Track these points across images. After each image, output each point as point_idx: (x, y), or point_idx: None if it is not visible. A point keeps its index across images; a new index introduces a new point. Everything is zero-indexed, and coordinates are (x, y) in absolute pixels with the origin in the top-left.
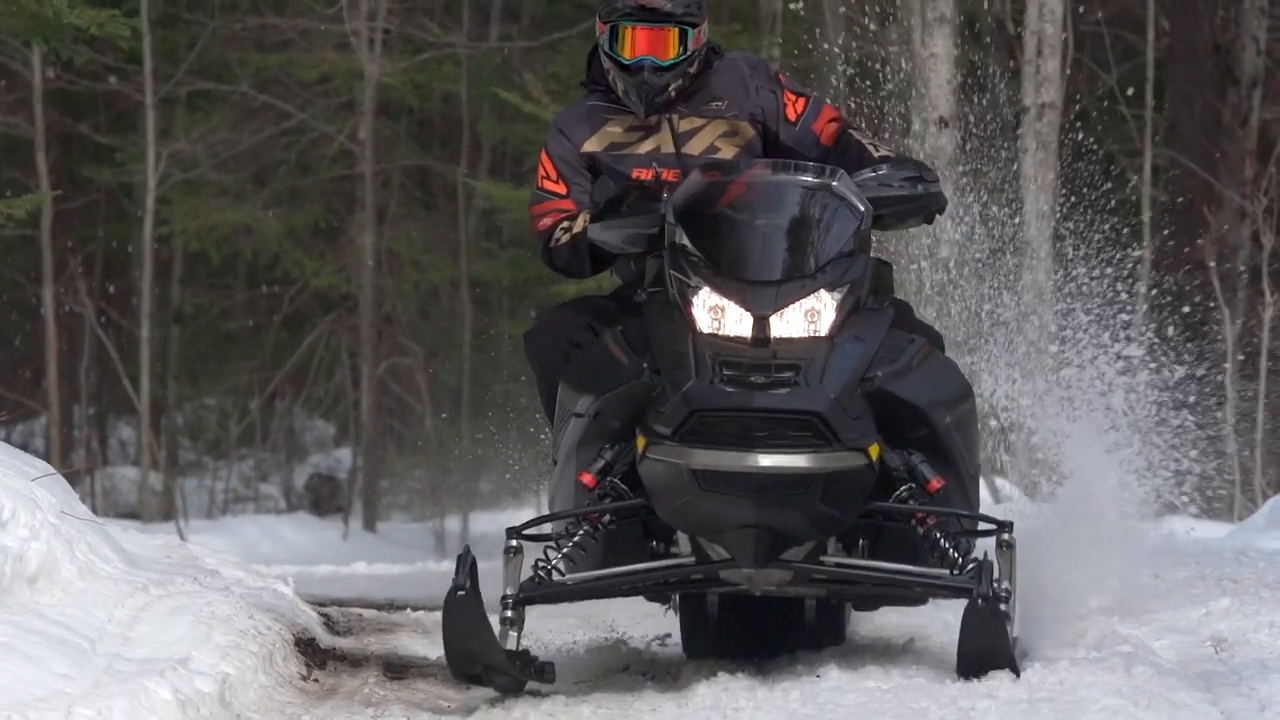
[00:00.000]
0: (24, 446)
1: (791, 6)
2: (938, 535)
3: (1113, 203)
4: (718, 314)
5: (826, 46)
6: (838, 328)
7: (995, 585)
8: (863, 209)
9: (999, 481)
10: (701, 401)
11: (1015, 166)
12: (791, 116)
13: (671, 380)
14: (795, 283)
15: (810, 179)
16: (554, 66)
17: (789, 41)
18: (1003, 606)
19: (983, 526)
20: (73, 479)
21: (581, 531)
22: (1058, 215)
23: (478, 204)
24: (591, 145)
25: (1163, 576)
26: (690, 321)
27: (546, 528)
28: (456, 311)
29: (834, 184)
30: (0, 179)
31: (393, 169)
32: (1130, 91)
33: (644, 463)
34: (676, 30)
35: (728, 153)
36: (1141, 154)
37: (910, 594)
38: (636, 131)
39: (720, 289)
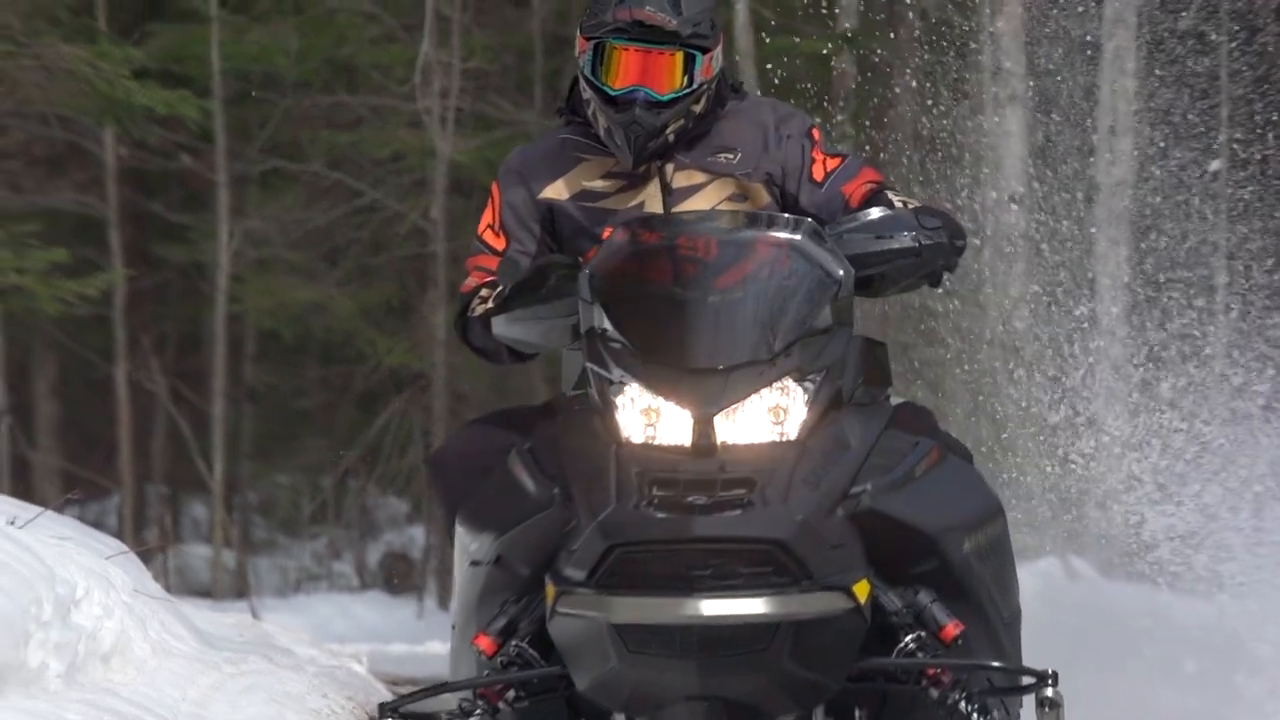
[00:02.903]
0: (97, 524)
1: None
2: (958, 697)
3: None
4: (649, 417)
5: (896, 110)
6: (810, 428)
7: None
8: (840, 272)
9: (1074, 560)
10: (622, 533)
11: (1087, 244)
12: (818, 176)
13: (587, 508)
14: (750, 370)
15: (769, 233)
16: None
17: (861, 116)
18: None
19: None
20: (146, 557)
21: (479, 710)
22: (1131, 292)
23: None
24: (554, 191)
25: None
26: (613, 429)
27: (449, 699)
28: (528, 388)
29: (799, 238)
30: (73, 258)
31: (465, 247)
32: (1210, 169)
33: (554, 620)
34: (681, 55)
35: None
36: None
37: None
38: (617, 180)
39: (651, 384)
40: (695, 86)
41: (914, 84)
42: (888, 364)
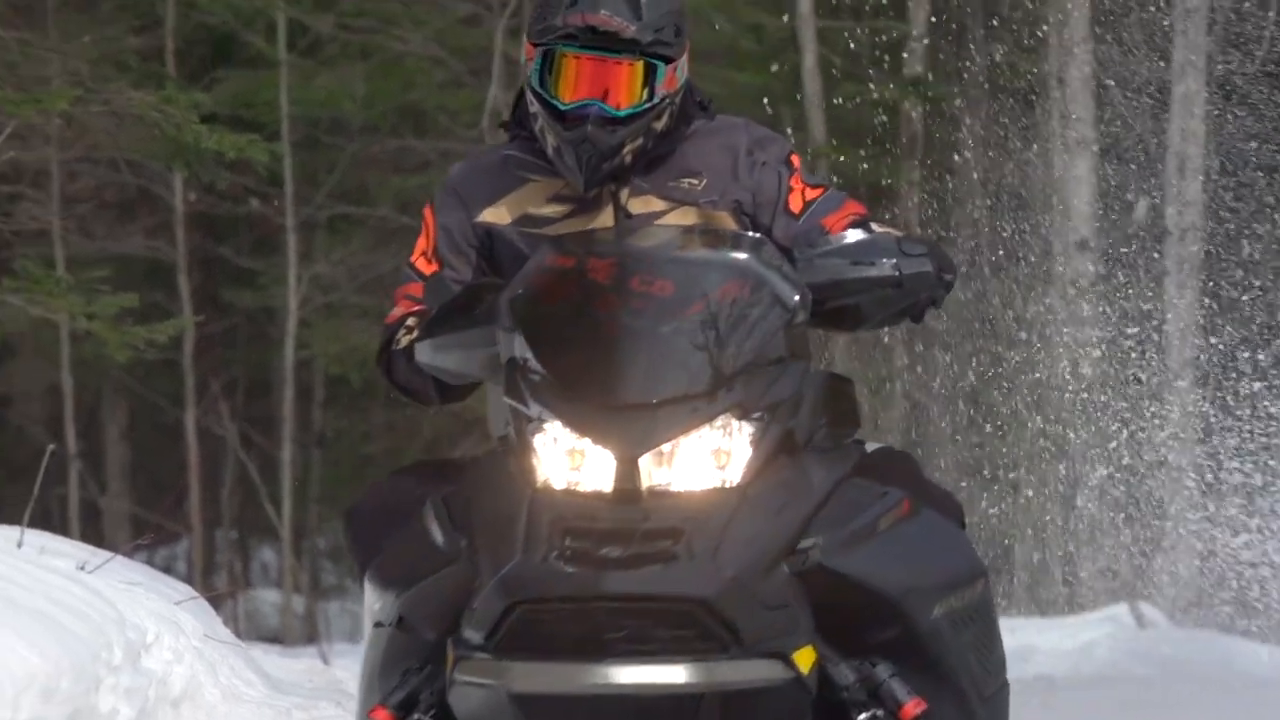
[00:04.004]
0: (167, 570)
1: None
2: None
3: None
4: (573, 459)
5: (963, 157)
6: (755, 472)
7: None
8: (795, 297)
9: (1144, 606)
10: (524, 589)
11: (1157, 290)
12: (795, 207)
13: (491, 560)
14: (684, 406)
15: (716, 253)
16: None
17: (933, 165)
18: None
19: None
20: (215, 602)
21: None
22: (1200, 338)
23: None
24: (494, 214)
25: None
26: (529, 472)
27: None
28: None
29: (748, 258)
30: (143, 303)
31: None
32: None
33: (453, 689)
34: (640, 65)
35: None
36: None
37: None
38: (566, 204)
39: (572, 421)
40: (656, 101)
41: (982, 130)
42: (856, 403)
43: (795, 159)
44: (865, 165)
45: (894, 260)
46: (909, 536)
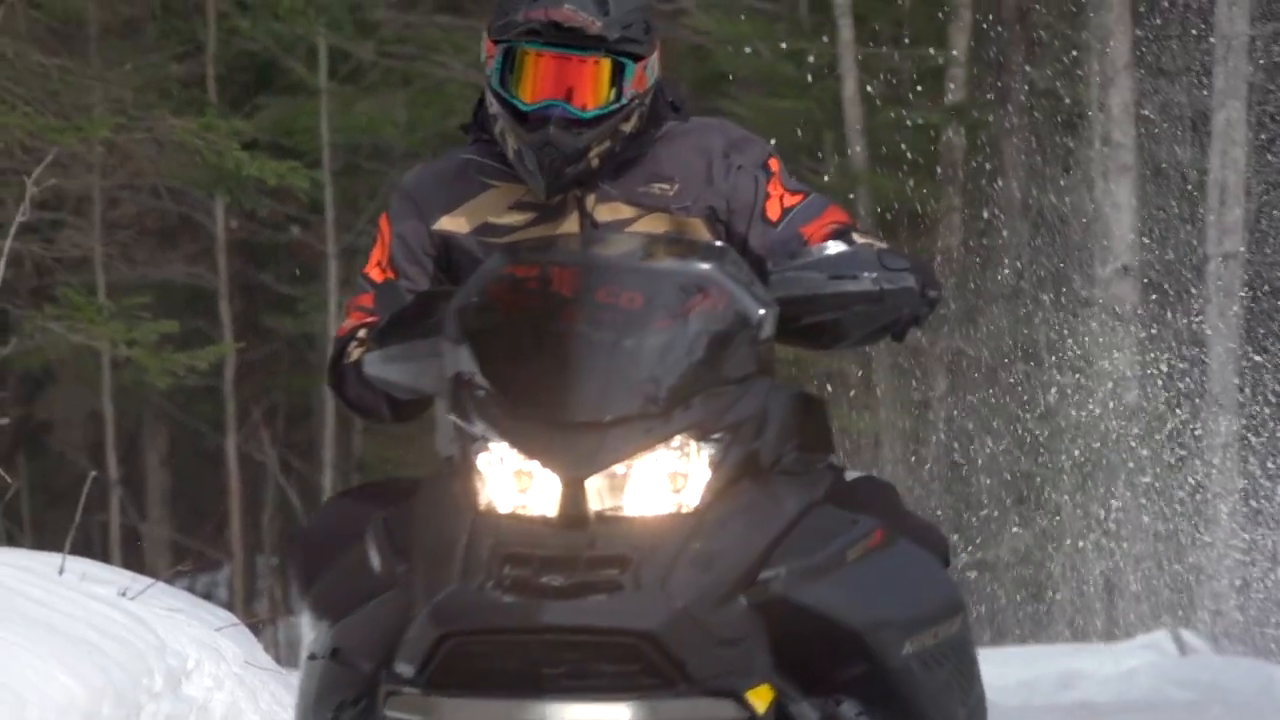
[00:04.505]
0: (207, 596)
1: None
2: None
3: None
4: (520, 481)
5: (1002, 183)
6: (713, 497)
7: None
8: (760, 311)
9: (1185, 634)
10: (457, 619)
11: (1199, 315)
12: (773, 214)
13: (426, 588)
14: (637, 426)
15: (677, 262)
16: None
17: (973, 191)
18: None
19: None
20: (256, 628)
21: None
22: (1242, 364)
23: None
24: (452, 222)
25: None
26: (472, 495)
27: None
28: None
29: (711, 268)
30: (184, 329)
31: None
32: None
33: None
34: (607, 63)
35: None
36: None
37: None
38: (528, 212)
39: (517, 440)
40: (624, 101)
41: (1022, 156)
42: (828, 424)
43: (774, 163)
44: (906, 191)
45: (875, 274)
46: (880, 568)
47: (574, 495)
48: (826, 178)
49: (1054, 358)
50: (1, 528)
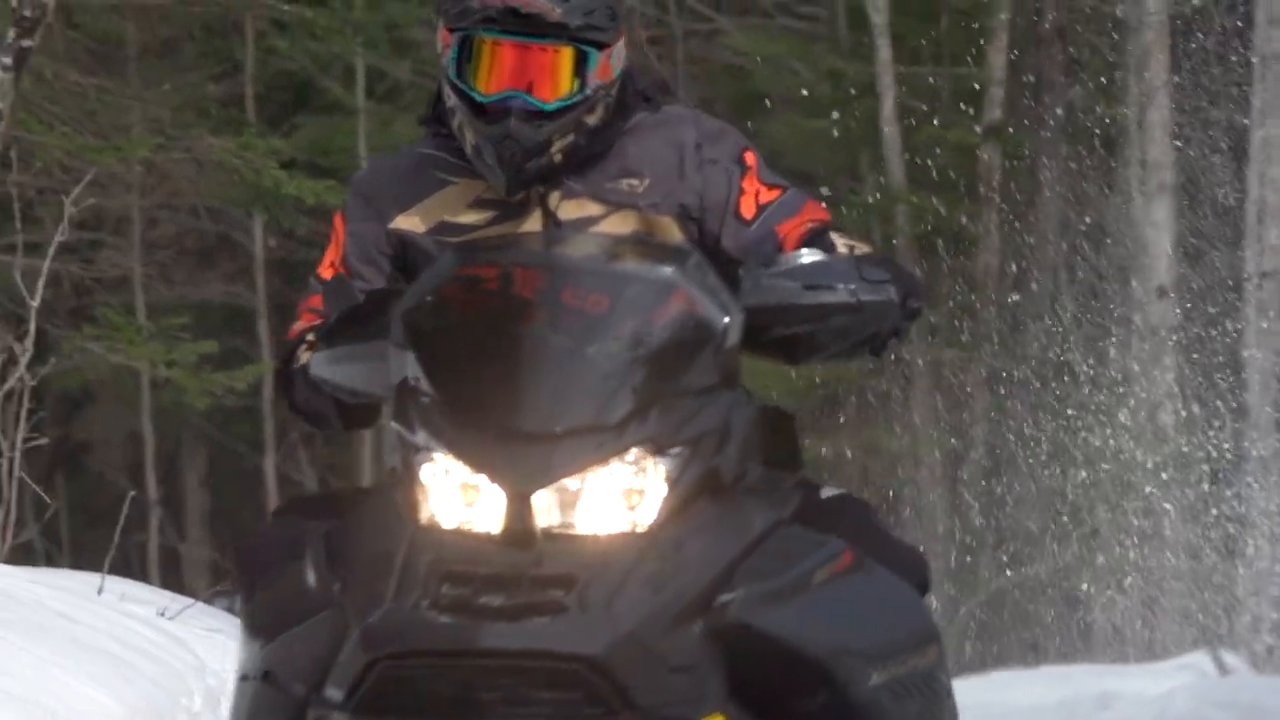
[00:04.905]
0: None
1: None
2: None
3: None
4: (467, 495)
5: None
6: (670, 515)
7: None
8: (725, 319)
9: (1225, 654)
10: (389, 641)
11: (1237, 336)
12: (748, 211)
13: (360, 608)
14: (589, 438)
15: (639, 264)
16: None
17: (1011, 210)
18: None
19: None
20: None
21: None
22: None
23: None
24: (409, 221)
25: None
26: (412, 508)
27: None
28: None
29: (672, 272)
30: (222, 349)
31: None
32: None
33: None
34: (570, 52)
35: None
36: None
37: None
38: (488, 210)
39: (461, 451)
40: (588, 92)
41: (1060, 175)
42: (798, 440)
43: (750, 156)
44: (943, 211)
45: (852, 285)
46: (848, 593)
47: (519, 510)
48: (869, 198)
49: (1092, 376)
50: (40, 548)
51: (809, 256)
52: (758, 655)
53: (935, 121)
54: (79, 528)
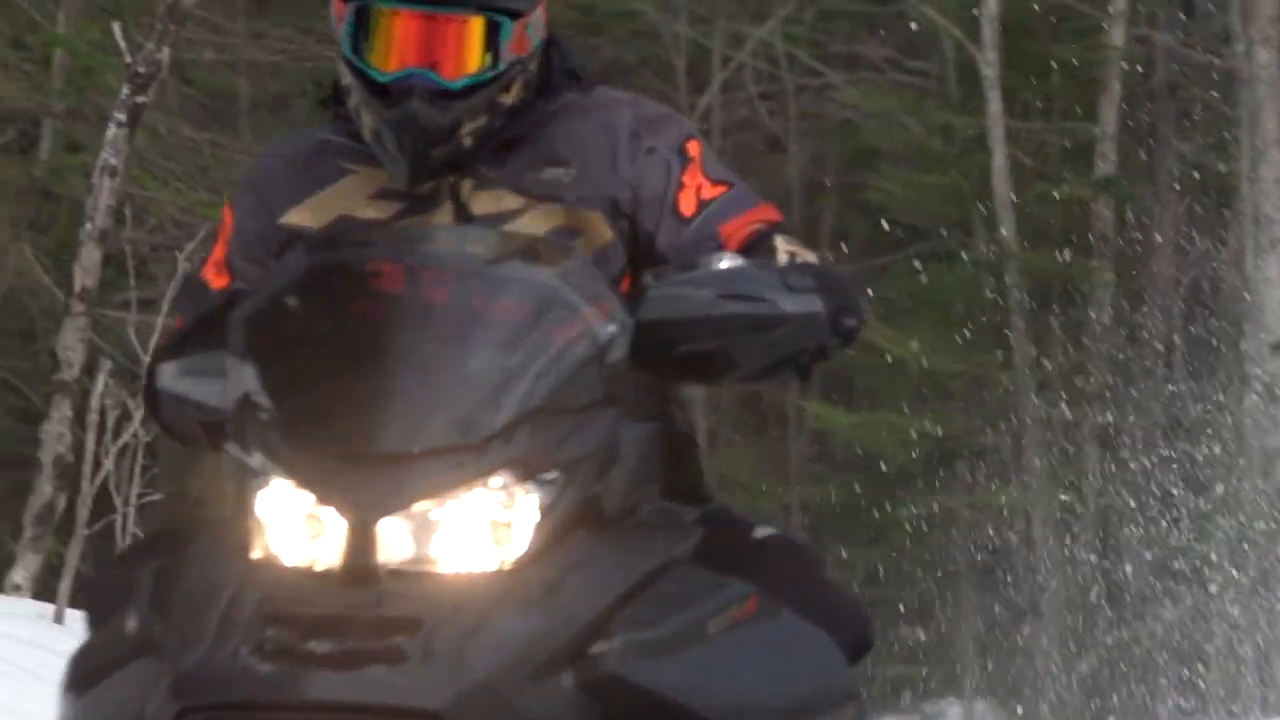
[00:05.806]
0: None
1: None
2: None
3: None
4: (311, 526)
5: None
6: (540, 551)
7: None
8: (610, 328)
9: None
10: (201, 691)
11: None
12: (686, 209)
13: (176, 653)
14: (447, 459)
15: (516, 264)
16: (880, 289)
17: (1124, 265)
18: None
19: None
20: None
21: None
22: None
23: (809, 425)
24: (301, 215)
25: None
26: (244, 542)
27: None
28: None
29: (552, 274)
30: None
31: (720, 393)
32: None
33: None
34: (480, 22)
35: None
36: None
37: None
38: (392, 201)
39: (300, 475)
40: (501, 68)
41: (1173, 230)
42: (700, 469)
43: (694, 146)
44: (1056, 265)
45: (775, 296)
46: (749, 643)
47: (361, 543)
48: (982, 253)
49: (1206, 432)
50: None
51: (728, 262)
52: (636, 712)
53: (1046, 176)
54: None
